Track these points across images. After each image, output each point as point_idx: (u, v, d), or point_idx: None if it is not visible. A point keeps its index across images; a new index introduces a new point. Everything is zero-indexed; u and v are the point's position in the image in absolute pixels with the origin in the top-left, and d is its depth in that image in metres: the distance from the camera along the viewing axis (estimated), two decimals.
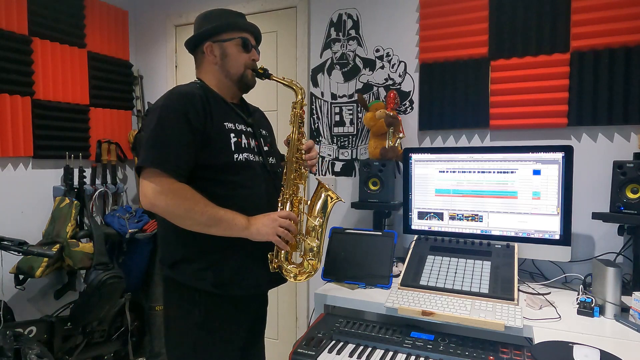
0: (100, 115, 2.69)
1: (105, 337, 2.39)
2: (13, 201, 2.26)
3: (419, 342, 1.35)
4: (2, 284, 2.15)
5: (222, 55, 1.39)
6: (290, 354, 1.33)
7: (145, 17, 2.94)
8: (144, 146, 1.24)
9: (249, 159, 1.36)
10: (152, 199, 1.22)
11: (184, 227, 1.25)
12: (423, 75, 2.11)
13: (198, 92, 1.31)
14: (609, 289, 1.41)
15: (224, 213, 1.24)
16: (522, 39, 1.90)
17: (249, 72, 1.43)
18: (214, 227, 1.24)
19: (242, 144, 1.36)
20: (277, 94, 2.52)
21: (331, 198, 1.40)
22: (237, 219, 1.25)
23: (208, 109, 1.30)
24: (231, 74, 1.41)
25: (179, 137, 1.24)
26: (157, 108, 1.27)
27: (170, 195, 1.22)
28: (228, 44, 1.39)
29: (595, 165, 1.81)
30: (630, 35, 1.73)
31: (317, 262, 1.36)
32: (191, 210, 1.22)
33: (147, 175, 1.23)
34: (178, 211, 1.23)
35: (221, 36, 1.39)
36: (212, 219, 1.23)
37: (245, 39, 1.41)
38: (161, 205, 1.23)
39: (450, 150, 1.88)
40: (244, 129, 1.40)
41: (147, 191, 1.23)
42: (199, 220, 1.23)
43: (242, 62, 1.41)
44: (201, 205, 1.23)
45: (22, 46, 2.24)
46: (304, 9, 2.39)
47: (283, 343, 2.55)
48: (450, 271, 1.62)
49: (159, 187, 1.21)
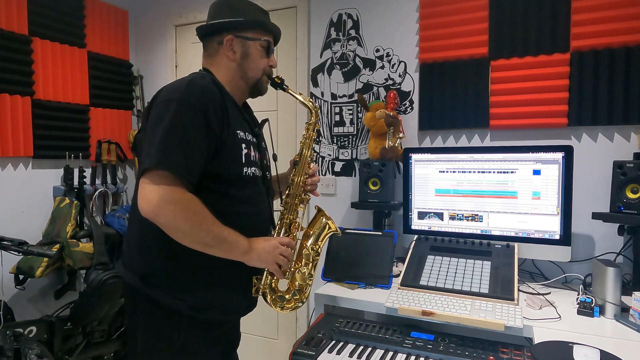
0: (100, 115, 2.69)
1: (105, 337, 2.39)
2: (13, 201, 2.26)
3: (419, 342, 1.35)
4: (2, 284, 2.15)
5: (243, 54, 1.26)
6: (290, 354, 1.33)
7: (145, 17, 2.94)
8: (153, 143, 1.06)
9: (255, 173, 1.26)
10: (156, 208, 1.05)
11: (180, 242, 1.10)
12: (423, 75, 2.11)
13: (215, 90, 1.17)
14: (609, 289, 1.41)
15: (227, 233, 1.12)
16: (522, 39, 1.90)
17: (265, 78, 1.32)
18: (215, 248, 1.12)
19: (251, 157, 1.24)
20: (277, 94, 2.51)
21: (330, 228, 1.35)
22: (240, 242, 1.15)
23: (226, 111, 1.16)
24: (248, 77, 1.28)
25: (196, 139, 1.09)
26: (172, 100, 1.09)
27: (180, 207, 1.06)
28: (252, 44, 1.26)
29: (595, 165, 1.81)
30: (630, 35, 1.73)
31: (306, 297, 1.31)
32: (198, 227, 1.08)
33: (154, 177, 1.06)
34: (184, 226, 1.07)
35: (246, 33, 1.25)
36: (217, 240, 1.11)
37: (270, 42, 1.30)
38: (167, 216, 1.06)
39: (450, 150, 1.88)
40: (251, 140, 1.29)
41: (151, 197, 1.05)
42: (202, 239, 1.09)
43: (261, 67, 1.30)
44: (209, 222, 1.10)
45: (22, 46, 2.24)
46: (304, 9, 2.39)
47: (283, 343, 2.55)
48: (450, 271, 1.62)
49: (167, 195, 1.05)
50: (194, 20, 2.72)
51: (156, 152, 1.06)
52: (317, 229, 1.36)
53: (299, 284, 1.30)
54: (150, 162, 1.06)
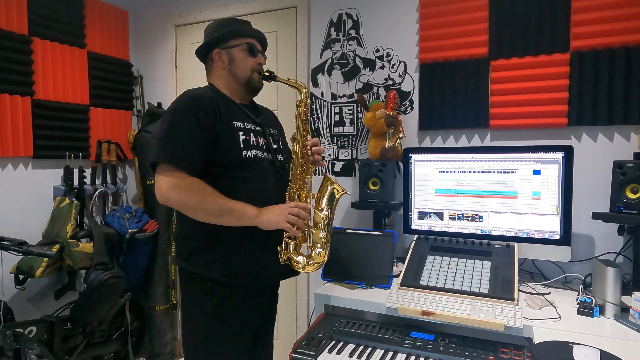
0: (100, 115, 2.69)
1: (105, 337, 2.39)
2: (13, 201, 2.26)
3: (419, 342, 1.35)
4: (2, 284, 2.15)
5: (230, 61, 1.47)
6: (290, 354, 1.33)
7: (145, 17, 2.94)
8: (157, 145, 1.33)
9: (257, 155, 1.42)
10: (165, 193, 1.29)
11: (196, 218, 1.31)
12: (423, 75, 2.11)
13: (208, 95, 1.38)
14: (609, 289, 1.41)
15: (233, 203, 1.30)
16: (522, 39, 1.90)
17: (256, 75, 1.49)
18: (226, 217, 1.30)
19: (250, 142, 1.41)
20: (277, 94, 2.52)
21: (337, 191, 1.44)
22: (247, 209, 1.30)
23: (217, 109, 1.36)
24: (239, 78, 1.47)
25: (189, 135, 1.31)
26: (169, 111, 1.36)
27: (183, 189, 1.29)
28: (235, 50, 1.46)
29: (595, 165, 1.81)
30: (630, 35, 1.73)
31: (325, 253, 1.39)
32: (202, 202, 1.28)
33: (161, 170, 1.31)
34: (190, 203, 1.29)
35: (228, 43, 1.46)
36: (223, 209, 1.29)
37: (251, 44, 1.48)
38: (175, 198, 1.29)
39: (450, 150, 1.88)
40: (253, 128, 1.46)
41: (161, 185, 1.30)
42: (210, 210, 1.29)
43: (248, 66, 1.48)
44: (212, 196, 1.29)
45: (22, 46, 2.24)
46: (304, 9, 2.39)
47: (283, 343, 2.55)
48: (450, 271, 1.62)
49: (172, 181, 1.29)
50: (194, 20, 2.72)
51: (158, 150, 1.32)
52: (326, 193, 1.44)
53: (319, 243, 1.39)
54: (153, 158, 1.33)
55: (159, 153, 1.31)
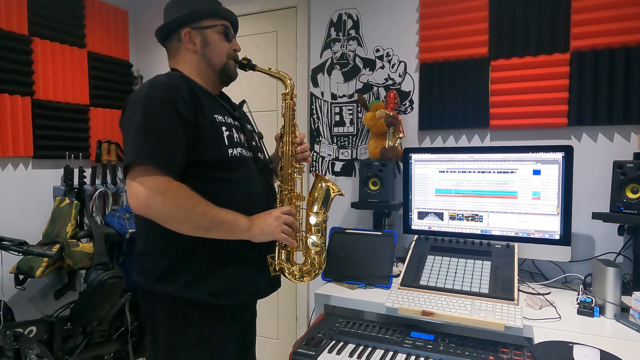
0: (100, 115, 2.69)
1: (105, 337, 2.39)
2: (13, 201, 2.26)
3: (419, 342, 1.35)
4: (2, 284, 2.15)
5: (203, 43, 1.29)
6: (290, 354, 1.33)
7: (145, 17, 2.93)
8: (130, 142, 1.09)
9: (242, 154, 1.26)
10: (145, 201, 1.06)
11: (179, 231, 1.11)
12: (423, 75, 2.11)
13: (183, 82, 1.18)
14: (609, 289, 1.41)
15: (225, 214, 1.13)
16: (522, 39, 1.90)
17: (231, 62, 1.34)
18: (216, 230, 1.13)
19: (234, 138, 1.25)
20: (277, 94, 2.51)
21: (332, 190, 1.36)
22: (239, 220, 1.15)
23: (196, 99, 1.17)
24: (213, 64, 1.31)
25: (169, 129, 1.10)
26: (139, 99, 1.11)
27: (168, 196, 1.07)
28: (209, 32, 1.29)
29: (595, 165, 1.81)
30: (630, 35, 1.73)
31: (323, 261, 1.32)
32: (192, 212, 1.08)
33: (137, 173, 1.08)
34: (177, 214, 1.08)
35: (201, 22, 1.28)
36: (214, 221, 1.11)
37: (226, 27, 1.32)
38: (157, 207, 1.07)
39: (450, 150, 1.88)
40: (233, 122, 1.30)
41: (138, 192, 1.07)
42: (199, 223, 1.10)
43: (224, 52, 1.32)
44: (202, 206, 1.10)
45: (22, 46, 2.24)
46: (304, 9, 2.39)
47: (283, 343, 2.55)
48: (450, 271, 1.62)
49: (154, 187, 1.06)
50: None
51: (131, 148, 1.08)
52: (320, 194, 1.36)
53: (314, 250, 1.30)
54: (128, 159, 1.09)
55: (134, 152, 1.07)
